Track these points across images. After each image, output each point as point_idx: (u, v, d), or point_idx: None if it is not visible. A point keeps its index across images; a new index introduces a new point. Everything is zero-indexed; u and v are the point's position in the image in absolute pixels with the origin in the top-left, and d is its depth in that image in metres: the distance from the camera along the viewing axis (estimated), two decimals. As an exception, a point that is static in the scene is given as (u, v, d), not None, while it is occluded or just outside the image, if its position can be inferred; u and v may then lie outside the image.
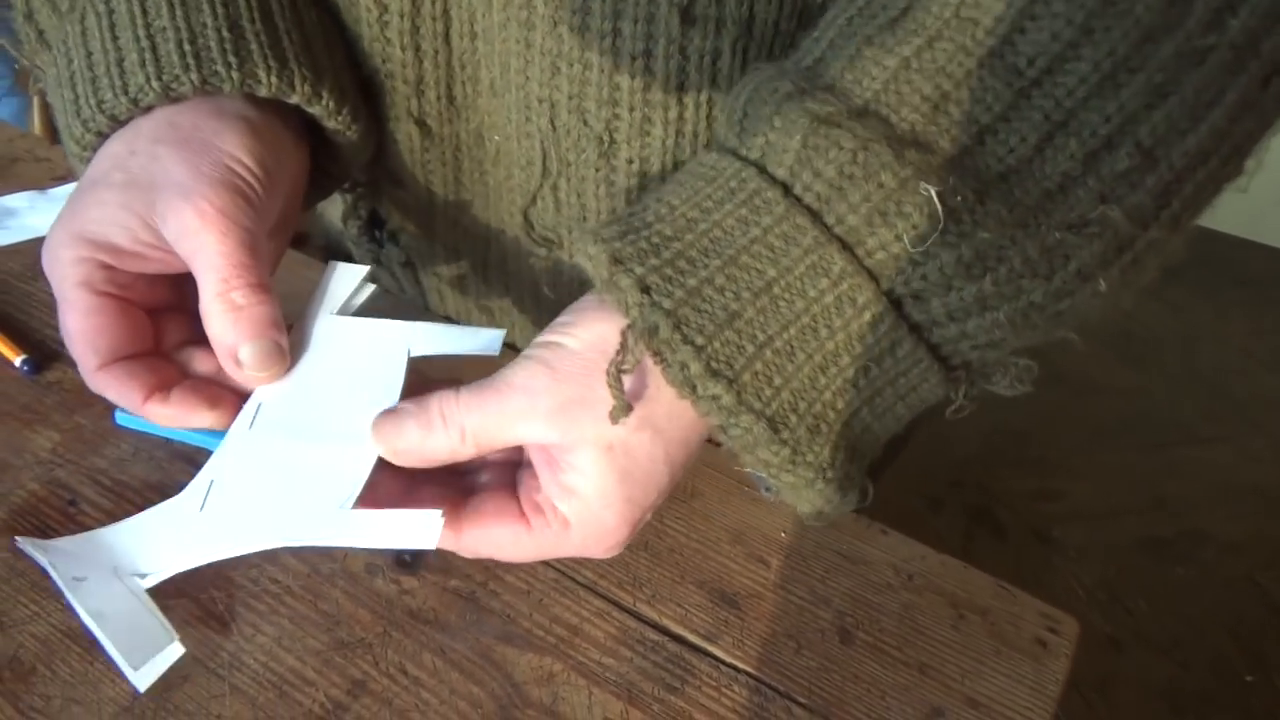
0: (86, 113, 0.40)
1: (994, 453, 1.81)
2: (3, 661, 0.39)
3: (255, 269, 0.38)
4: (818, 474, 0.34)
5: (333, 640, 0.42)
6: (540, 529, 0.35)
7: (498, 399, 0.35)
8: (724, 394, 0.32)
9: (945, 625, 0.45)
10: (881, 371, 0.34)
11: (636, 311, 0.32)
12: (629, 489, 0.35)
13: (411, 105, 0.51)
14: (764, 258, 0.33)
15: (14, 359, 0.52)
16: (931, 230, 0.32)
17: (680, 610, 0.44)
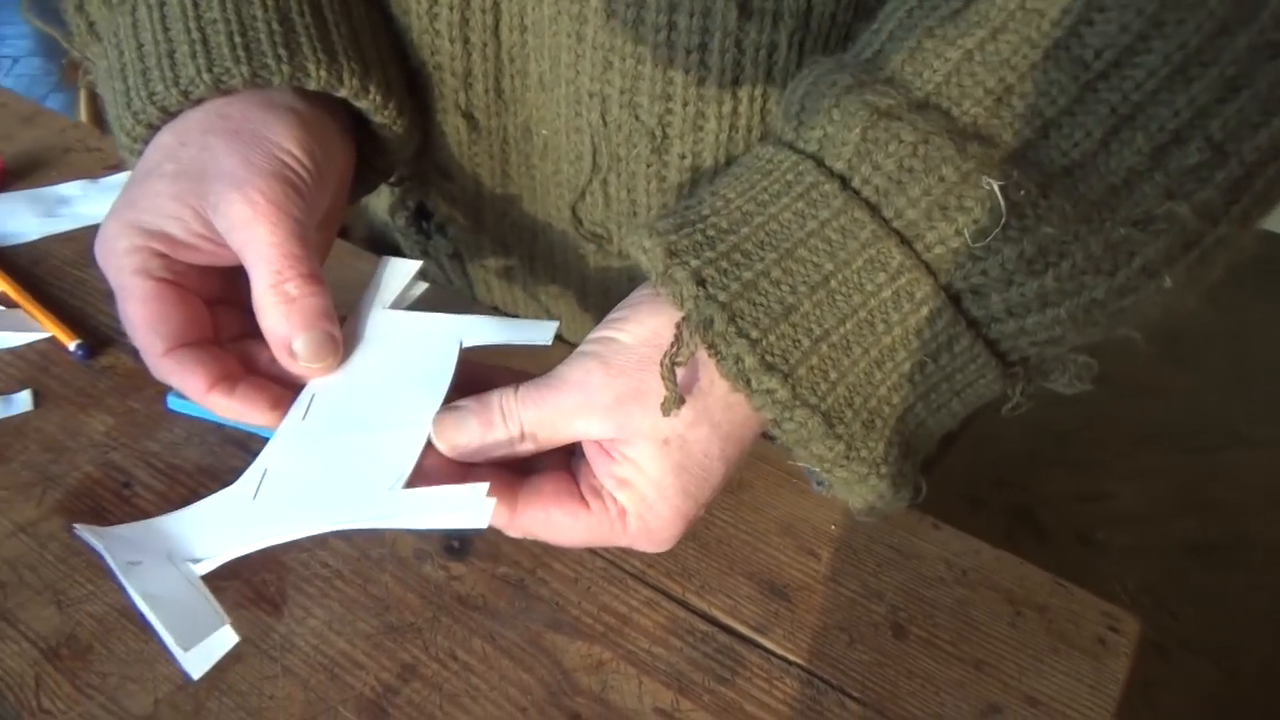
0: (137, 104, 0.40)
1: (1037, 453, 1.78)
2: (61, 639, 0.40)
3: (307, 260, 0.38)
4: (871, 469, 0.34)
5: (383, 624, 0.42)
6: (598, 514, 0.35)
7: (555, 395, 0.35)
8: (779, 388, 0.32)
9: (1001, 622, 0.44)
10: (938, 367, 0.34)
11: (691, 304, 0.32)
12: (684, 483, 0.34)
13: (459, 98, 0.51)
14: (821, 251, 0.33)
15: (69, 344, 0.52)
16: (993, 225, 0.31)
17: (730, 601, 0.44)
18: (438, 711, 0.39)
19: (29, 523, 0.44)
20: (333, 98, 0.44)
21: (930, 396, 0.35)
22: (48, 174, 0.66)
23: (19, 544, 0.43)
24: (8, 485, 0.45)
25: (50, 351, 0.52)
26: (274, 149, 0.39)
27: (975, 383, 0.35)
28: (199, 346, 0.38)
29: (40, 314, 0.54)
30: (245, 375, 0.39)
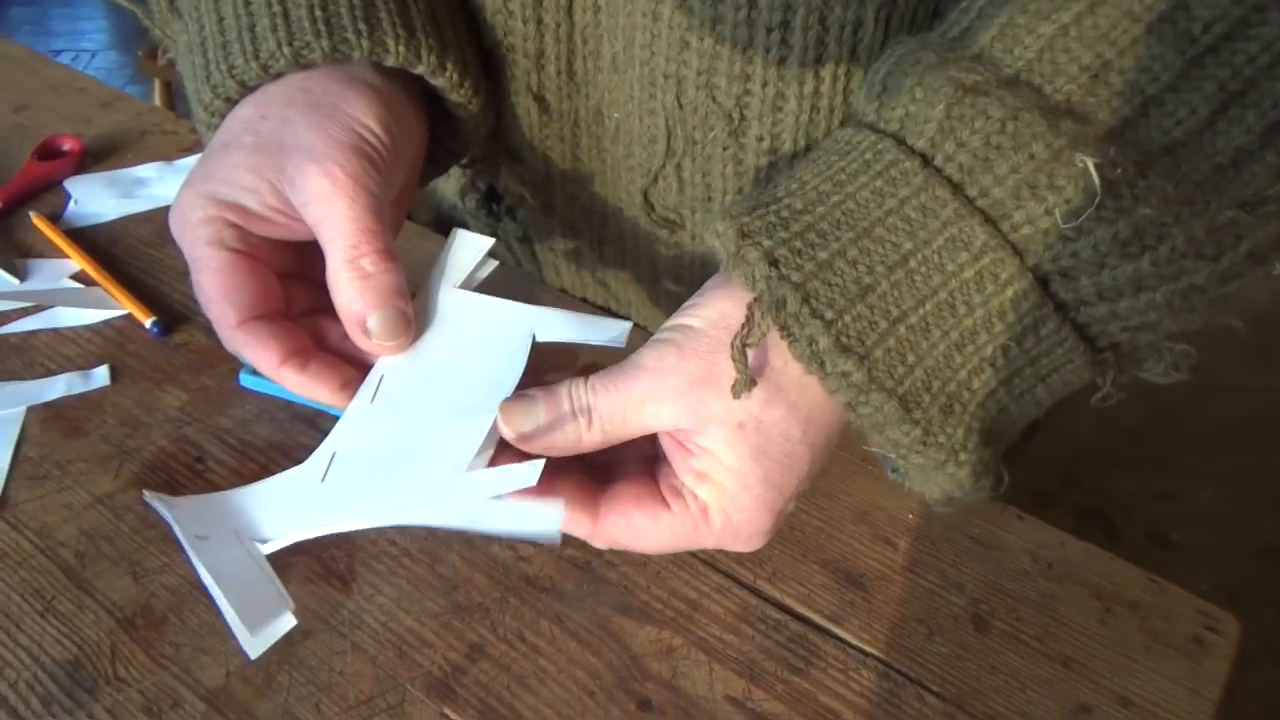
0: (217, 78, 0.40)
1: (1109, 450, 1.72)
2: (136, 609, 0.40)
3: (383, 236, 0.37)
4: (949, 456, 0.32)
5: (450, 604, 0.41)
6: (680, 513, 0.34)
7: (625, 382, 0.34)
8: (854, 371, 0.30)
9: (1091, 618, 0.42)
10: (1022, 351, 0.32)
11: (764, 285, 0.31)
12: (765, 469, 0.33)
13: (531, 80, 0.50)
14: (900, 230, 0.31)
15: (144, 321, 0.53)
16: (1086, 205, 0.30)
17: (803, 589, 0.43)
18: (505, 692, 0.38)
19: (106, 494, 0.44)
20: (409, 76, 0.43)
21: (1013, 382, 0.33)
22: (125, 156, 0.67)
23: (96, 515, 0.43)
24: (86, 457, 0.46)
25: (127, 328, 0.53)
26: (353, 123, 0.39)
27: (1062, 368, 0.33)
28: (272, 320, 0.38)
29: (117, 291, 0.54)
30: (316, 352, 0.39)
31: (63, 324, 0.53)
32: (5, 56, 0.77)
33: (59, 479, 0.45)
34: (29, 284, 0.56)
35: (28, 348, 0.51)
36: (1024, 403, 0.34)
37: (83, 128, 0.69)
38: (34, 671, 0.38)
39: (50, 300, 0.54)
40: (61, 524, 0.43)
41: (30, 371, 0.50)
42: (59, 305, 0.54)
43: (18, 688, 0.37)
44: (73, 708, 0.37)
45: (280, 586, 0.34)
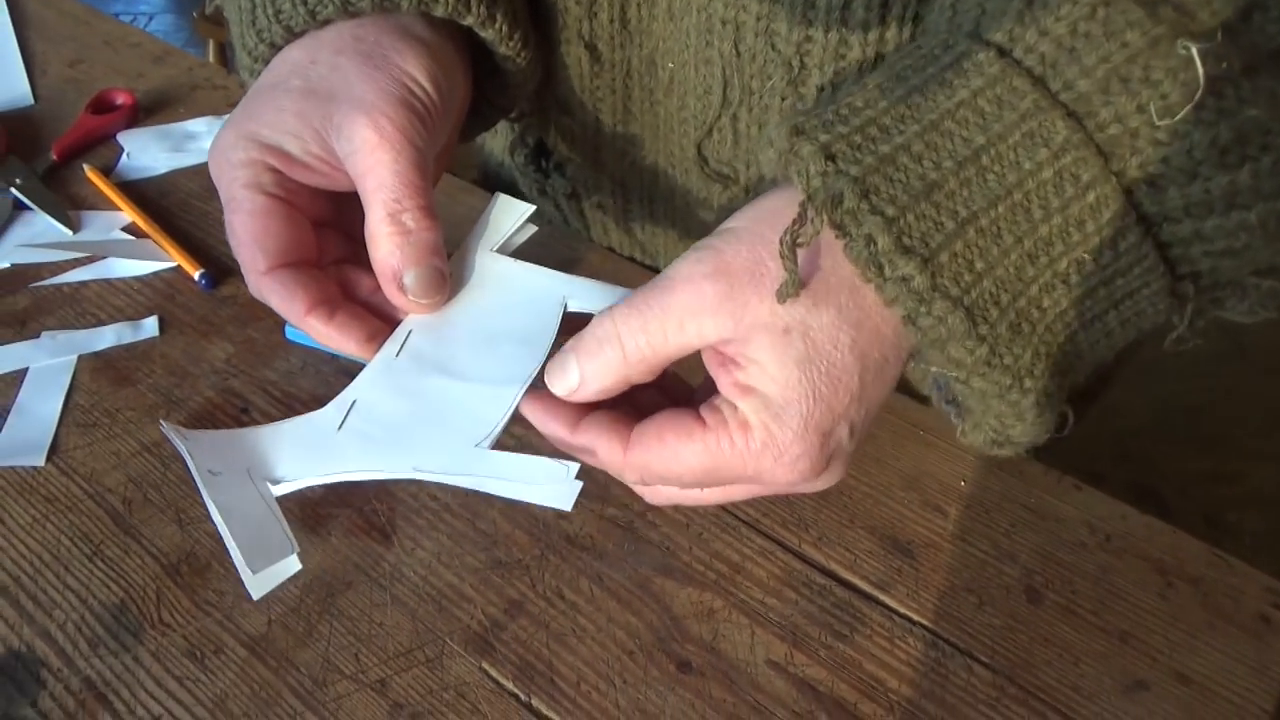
0: (263, 23, 0.40)
1: (1165, 428, 1.68)
2: (181, 556, 0.40)
3: (426, 192, 0.37)
4: (1015, 381, 0.29)
5: (490, 559, 0.41)
6: (716, 429, 0.30)
7: (661, 299, 0.31)
8: (916, 275, 0.27)
9: (1150, 593, 0.40)
10: (1098, 267, 0.29)
11: (818, 180, 0.28)
12: (812, 381, 0.29)
13: (583, 28, 0.49)
14: (971, 124, 0.28)
15: (193, 273, 0.53)
16: (1185, 102, 0.27)
17: (849, 555, 0.42)
18: (544, 649, 0.38)
19: (154, 443, 0.45)
20: (455, 28, 0.42)
21: (1085, 303, 0.30)
22: (176, 110, 0.67)
23: (143, 463, 0.44)
24: (135, 406, 0.46)
25: (175, 280, 0.53)
26: (403, 77, 0.38)
27: (1138, 293, 0.30)
28: (300, 268, 0.38)
29: (167, 244, 0.55)
30: (344, 302, 0.38)
31: (114, 275, 0.53)
32: (62, 12, 0.77)
33: (108, 427, 0.45)
34: (82, 235, 0.56)
35: (79, 298, 0.52)
36: (1094, 332, 0.31)
37: (136, 82, 0.69)
38: (82, 613, 0.38)
39: (102, 251, 0.55)
40: (110, 470, 0.43)
41: (81, 321, 0.51)
42: (110, 256, 0.54)
43: (66, 628, 0.38)
44: (119, 650, 0.37)
45: (287, 529, 0.34)
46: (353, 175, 0.37)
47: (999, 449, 0.33)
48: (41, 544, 0.41)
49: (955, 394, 0.31)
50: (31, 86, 0.69)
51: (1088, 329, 0.31)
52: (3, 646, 0.37)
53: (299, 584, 0.40)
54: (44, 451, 0.44)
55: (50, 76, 0.70)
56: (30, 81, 0.69)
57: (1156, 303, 0.31)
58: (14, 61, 0.71)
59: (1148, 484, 1.62)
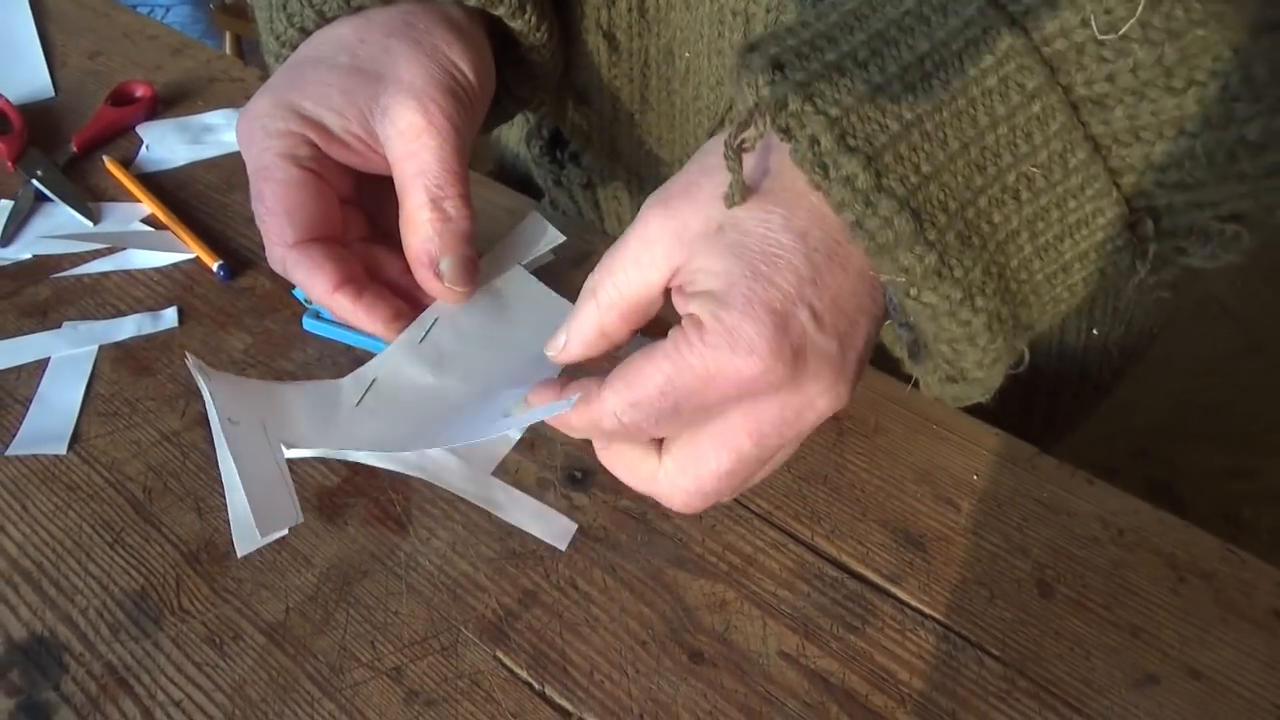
0: (294, 6, 0.39)
1: (1181, 424, 1.67)
2: (200, 544, 0.41)
3: (465, 180, 0.37)
4: (966, 296, 0.29)
5: (505, 550, 0.41)
6: (675, 340, 0.30)
7: (619, 244, 0.31)
8: (860, 173, 0.27)
9: (1162, 587, 0.40)
10: (1048, 185, 0.29)
11: (766, 90, 0.28)
12: (749, 261, 0.29)
13: (601, 16, 0.49)
14: (917, 31, 0.28)
15: (211, 264, 0.54)
16: (1128, 16, 0.26)
17: (861, 548, 0.42)
18: (557, 639, 0.38)
19: (173, 432, 0.45)
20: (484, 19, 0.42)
21: (1037, 225, 0.29)
22: (194, 103, 0.67)
23: (163, 452, 0.44)
24: (154, 396, 0.47)
25: (194, 271, 0.54)
26: (450, 65, 0.38)
27: (1091, 222, 0.30)
28: (327, 244, 0.38)
29: (186, 235, 0.55)
30: (370, 282, 0.39)
31: (133, 266, 0.54)
32: (82, 5, 0.78)
33: (128, 416, 0.46)
34: (102, 226, 0.57)
35: (100, 289, 0.53)
36: (1048, 260, 0.30)
37: (154, 74, 0.69)
38: (103, 600, 0.39)
39: (122, 243, 0.55)
40: (130, 459, 0.44)
41: (102, 311, 0.51)
42: (130, 248, 0.55)
43: (88, 614, 0.38)
44: (139, 635, 0.38)
45: (294, 495, 0.34)
46: (392, 158, 0.37)
47: (953, 385, 0.32)
48: (64, 531, 0.41)
49: (909, 316, 0.30)
50: (52, 78, 0.69)
51: (1042, 256, 0.30)
52: (26, 631, 0.38)
53: (316, 573, 0.40)
54: (66, 440, 0.45)
55: (70, 69, 0.70)
56: (50, 74, 0.70)
57: (1115, 239, 0.30)
58: (34, 54, 0.72)
59: (1164, 480, 1.61)
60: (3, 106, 0.64)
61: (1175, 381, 1.67)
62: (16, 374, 0.48)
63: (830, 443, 0.46)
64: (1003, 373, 0.31)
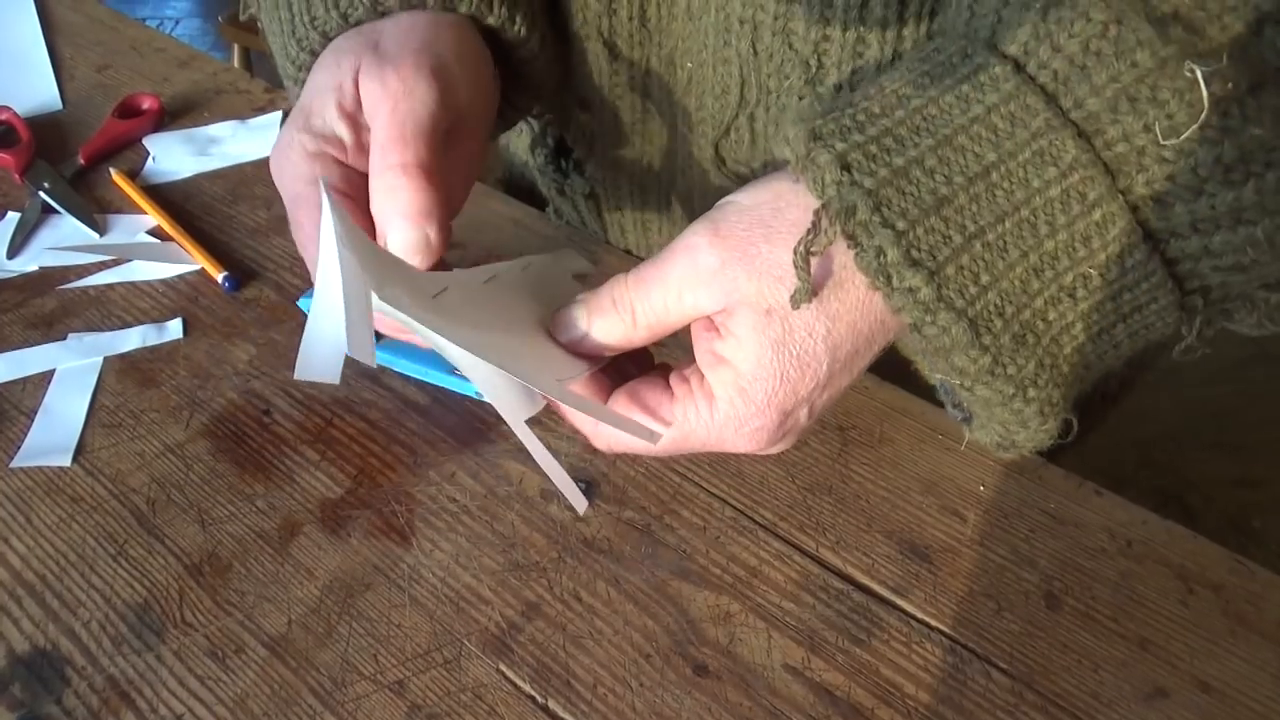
0: (302, 31, 0.40)
1: (1189, 433, 1.66)
2: (203, 557, 0.41)
3: (413, 149, 0.35)
4: (1018, 390, 0.30)
5: (508, 561, 0.41)
6: (684, 403, 0.32)
7: (662, 269, 0.32)
8: (923, 286, 0.28)
9: (1171, 599, 0.40)
10: (1105, 283, 0.30)
11: (833, 190, 0.29)
12: (783, 363, 0.30)
13: (602, 24, 0.49)
14: (984, 140, 0.29)
15: (216, 276, 0.54)
16: (1190, 122, 0.27)
17: (867, 560, 0.41)
18: (560, 651, 0.38)
19: (177, 444, 0.45)
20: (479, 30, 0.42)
21: (1093, 318, 0.31)
22: (201, 114, 0.68)
23: (167, 464, 0.44)
24: (158, 408, 0.47)
25: (199, 283, 0.54)
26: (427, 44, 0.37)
27: (1145, 307, 0.31)
28: None
29: (191, 247, 0.55)
30: None
31: (139, 278, 0.54)
32: (90, 18, 0.78)
33: (132, 427, 0.46)
34: (108, 238, 0.57)
35: (105, 300, 0.53)
36: (1102, 344, 0.32)
37: (161, 86, 0.70)
38: (106, 612, 0.39)
39: (128, 254, 0.55)
40: (134, 471, 0.44)
41: (107, 323, 0.51)
42: (136, 259, 0.55)
43: (90, 627, 0.38)
44: (141, 649, 0.38)
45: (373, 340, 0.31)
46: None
47: (1005, 451, 0.33)
48: (67, 543, 0.41)
49: (960, 398, 0.32)
50: (60, 91, 0.70)
51: (1095, 341, 0.31)
52: (29, 644, 0.38)
53: (319, 585, 0.40)
54: (70, 452, 0.45)
55: (78, 81, 0.71)
56: (58, 86, 0.70)
57: (1165, 316, 0.31)
58: (43, 67, 0.72)
59: (1172, 490, 1.60)
60: (10, 119, 0.65)
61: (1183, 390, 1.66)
62: (22, 385, 0.48)
63: (835, 453, 0.46)
64: (1052, 439, 0.32)
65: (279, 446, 0.45)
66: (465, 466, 0.45)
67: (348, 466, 0.45)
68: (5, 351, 0.49)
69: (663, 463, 0.45)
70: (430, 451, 0.45)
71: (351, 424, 0.47)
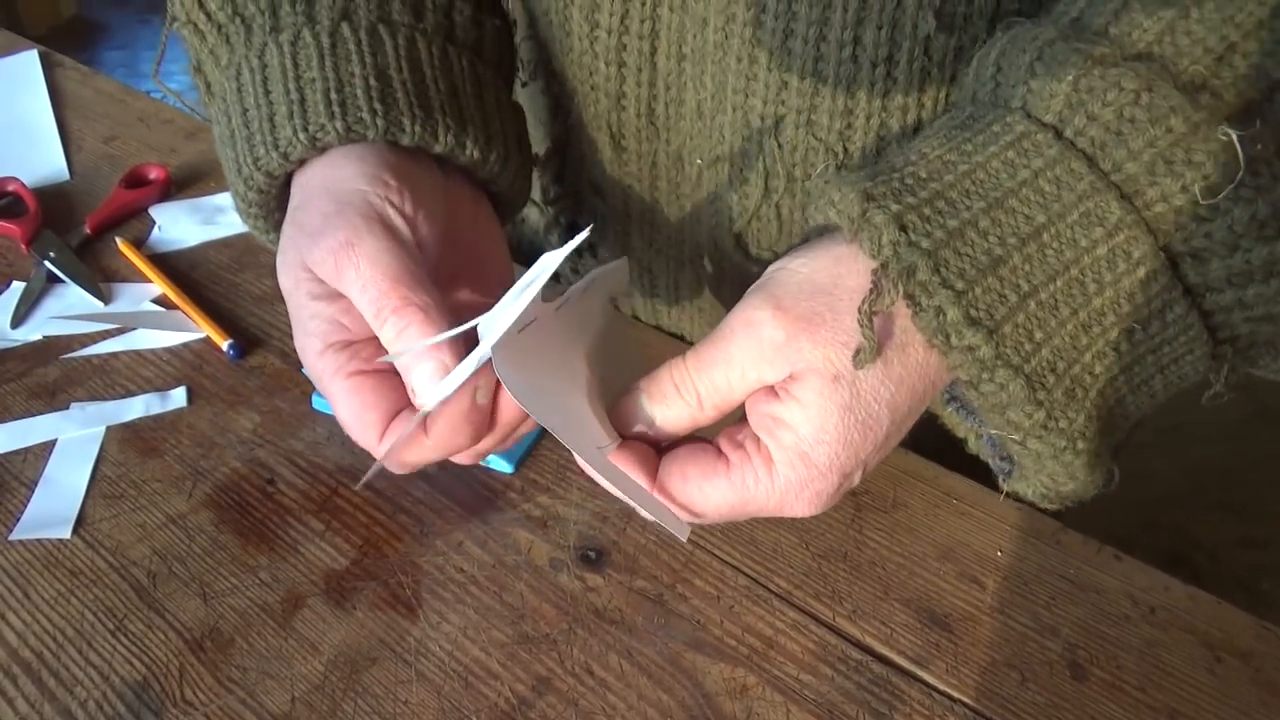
0: (246, 170, 0.39)
1: (1195, 493, 1.65)
2: (205, 631, 0.40)
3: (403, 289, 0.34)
4: (1069, 443, 0.31)
5: (517, 634, 0.40)
6: (740, 465, 0.32)
7: (725, 349, 0.32)
8: (982, 345, 0.29)
9: (1199, 668, 0.39)
10: (1146, 336, 0.31)
11: (890, 250, 0.29)
12: (848, 428, 0.31)
13: (610, 119, 0.50)
14: (1033, 202, 0.30)
15: (221, 343, 0.53)
16: (1225, 182, 0.28)
17: (885, 629, 0.40)
18: (573, 728, 0.37)
19: (179, 515, 0.44)
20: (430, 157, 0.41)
21: (1134, 369, 0.32)
22: (207, 184, 0.68)
23: (169, 535, 0.44)
24: (161, 478, 0.46)
25: (204, 351, 0.54)
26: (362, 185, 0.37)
27: (1182, 358, 0.32)
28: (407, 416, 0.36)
29: (196, 314, 0.55)
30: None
31: (143, 346, 0.54)
32: (98, 91, 0.80)
33: (134, 498, 0.45)
34: (113, 306, 0.57)
35: (109, 369, 0.52)
36: (1140, 394, 0.33)
37: (168, 157, 0.70)
38: (103, 690, 0.38)
39: (132, 322, 0.55)
40: (135, 543, 0.43)
41: (111, 392, 0.51)
42: (140, 327, 0.55)
43: (87, 706, 0.37)
44: (140, 729, 0.36)
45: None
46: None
47: (1048, 503, 0.34)
48: (65, 619, 0.40)
49: (1010, 452, 0.32)
50: (68, 162, 0.70)
51: (1136, 392, 0.32)
52: (23, 725, 0.36)
53: (323, 660, 0.39)
54: (70, 524, 0.44)
55: (86, 152, 0.72)
56: (66, 157, 0.71)
57: (1198, 365, 0.33)
58: (51, 138, 0.73)
59: (1178, 552, 1.58)
60: (18, 190, 0.65)
61: (1185, 450, 1.66)
62: (23, 456, 0.47)
63: (848, 519, 0.45)
64: (1097, 489, 0.33)
65: (283, 516, 0.45)
66: (473, 535, 0.44)
67: (353, 536, 0.44)
68: (7, 422, 0.49)
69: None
70: (437, 520, 0.45)
71: (356, 493, 0.46)
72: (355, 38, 0.40)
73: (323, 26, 0.40)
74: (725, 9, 0.42)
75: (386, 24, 0.41)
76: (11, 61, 0.83)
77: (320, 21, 0.40)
